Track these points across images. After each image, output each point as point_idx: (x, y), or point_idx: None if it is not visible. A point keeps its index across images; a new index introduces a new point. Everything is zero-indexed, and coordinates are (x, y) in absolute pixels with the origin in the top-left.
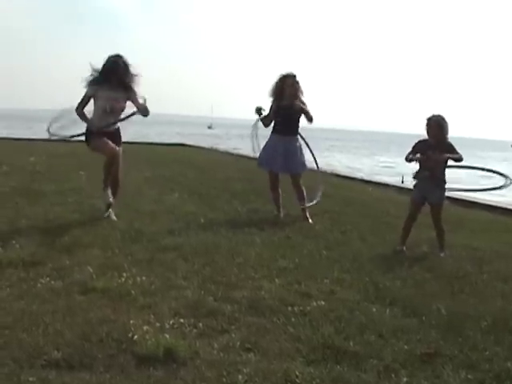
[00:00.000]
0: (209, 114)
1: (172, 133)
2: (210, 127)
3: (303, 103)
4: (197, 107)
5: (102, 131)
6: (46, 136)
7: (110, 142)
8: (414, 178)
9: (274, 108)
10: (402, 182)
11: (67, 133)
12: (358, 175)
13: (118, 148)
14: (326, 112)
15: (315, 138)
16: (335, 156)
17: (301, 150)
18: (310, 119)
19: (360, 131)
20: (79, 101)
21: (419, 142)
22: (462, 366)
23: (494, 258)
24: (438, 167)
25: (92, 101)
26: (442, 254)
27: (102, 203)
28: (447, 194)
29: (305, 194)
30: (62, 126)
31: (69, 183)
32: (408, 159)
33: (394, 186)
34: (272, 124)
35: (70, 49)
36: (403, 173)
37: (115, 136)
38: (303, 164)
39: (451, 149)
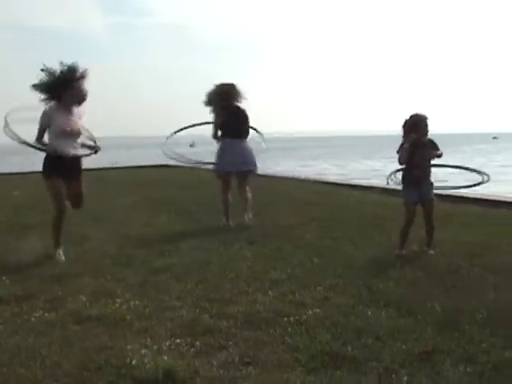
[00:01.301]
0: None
1: (150, 155)
2: (191, 145)
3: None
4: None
5: (60, 163)
6: (26, 169)
7: (63, 193)
8: (403, 181)
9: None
10: (388, 183)
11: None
12: (344, 181)
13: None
14: (300, 118)
15: (299, 148)
16: (317, 163)
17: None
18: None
19: (334, 136)
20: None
21: (402, 144)
22: (461, 360)
23: (485, 250)
24: (427, 165)
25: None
26: (431, 252)
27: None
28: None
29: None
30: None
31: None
32: (402, 160)
33: (378, 188)
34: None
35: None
36: (387, 174)
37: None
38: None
39: (434, 145)
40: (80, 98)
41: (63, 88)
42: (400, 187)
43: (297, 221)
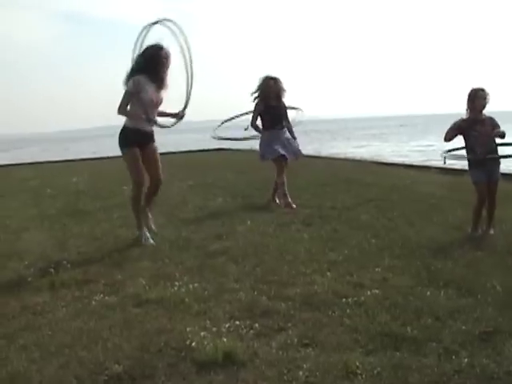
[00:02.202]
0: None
1: (205, 139)
2: (246, 129)
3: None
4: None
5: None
6: (84, 155)
7: (141, 165)
8: (469, 162)
9: (262, 108)
10: (444, 162)
11: None
12: (399, 160)
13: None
14: (346, 101)
15: (348, 129)
16: (373, 144)
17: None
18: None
19: (387, 117)
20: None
21: (461, 121)
22: None
23: None
24: (487, 143)
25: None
26: (491, 232)
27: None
28: None
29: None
30: None
31: (113, 199)
32: (448, 137)
33: (435, 168)
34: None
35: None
36: (442, 153)
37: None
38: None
39: (495, 122)
40: (166, 74)
41: (155, 62)
42: (457, 162)
43: (353, 202)
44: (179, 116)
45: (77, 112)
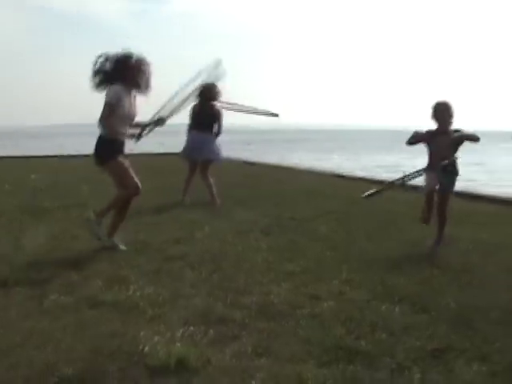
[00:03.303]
0: None
1: (171, 142)
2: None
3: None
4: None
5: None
6: (44, 153)
7: (132, 171)
8: (425, 170)
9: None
10: (403, 182)
11: None
12: (360, 174)
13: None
14: (313, 111)
15: (311, 140)
16: (334, 157)
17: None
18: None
19: (352, 130)
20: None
21: (424, 131)
22: (474, 358)
23: (501, 249)
24: (449, 153)
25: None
26: (438, 248)
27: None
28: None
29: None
30: None
31: (72, 198)
32: (411, 141)
33: (395, 183)
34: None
35: (64, 64)
36: (405, 170)
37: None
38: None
39: (462, 135)
40: (148, 84)
41: (135, 72)
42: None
43: (313, 213)
44: (155, 123)
45: (38, 108)
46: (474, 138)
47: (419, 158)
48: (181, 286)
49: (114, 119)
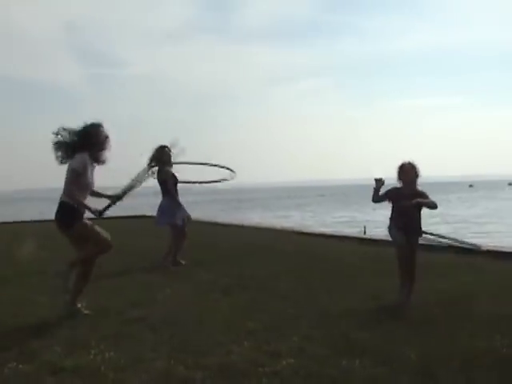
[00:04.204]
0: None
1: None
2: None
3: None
4: None
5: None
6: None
7: (101, 230)
8: (390, 228)
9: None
10: (365, 232)
11: None
12: (320, 230)
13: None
14: (272, 169)
15: (274, 198)
16: (292, 214)
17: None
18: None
19: (306, 186)
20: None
21: (391, 189)
22: None
23: (460, 299)
24: (413, 214)
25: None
26: (409, 300)
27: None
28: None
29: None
30: None
31: (30, 265)
32: (375, 200)
33: (355, 238)
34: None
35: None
36: (364, 224)
37: None
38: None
39: (424, 196)
40: (104, 158)
41: (98, 145)
42: (377, 233)
43: (273, 271)
44: (113, 200)
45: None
46: (432, 206)
47: (373, 213)
48: (142, 350)
49: (77, 187)
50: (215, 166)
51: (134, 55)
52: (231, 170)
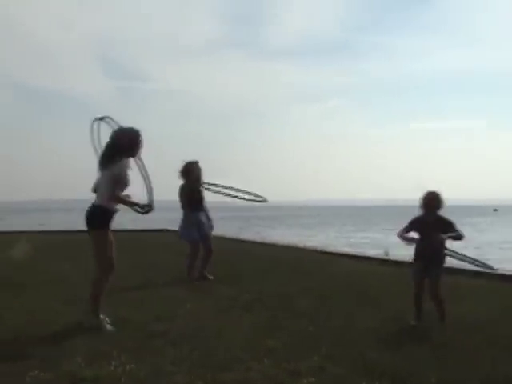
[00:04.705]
0: None
1: (156, 219)
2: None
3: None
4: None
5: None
6: (22, 228)
7: (113, 249)
8: (415, 260)
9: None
10: (387, 254)
11: None
12: (342, 250)
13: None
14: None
15: (296, 217)
16: (314, 233)
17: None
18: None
19: (334, 206)
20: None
21: (414, 219)
22: None
23: (483, 323)
24: (437, 245)
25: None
26: (443, 323)
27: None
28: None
29: None
30: None
31: (51, 274)
32: (401, 236)
33: (377, 259)
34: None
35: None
36: (387, 246)
37: None
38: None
39: (450, 227)
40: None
41: (138, 146)
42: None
43: (294, 289)
44: (145, 209)
45: (16, 183)
46: (458, 238)
47: (395, 235)
48: (162, 363)
49: (118, 190)
50: (243, 198)
51: (160, 70)
52: (263, 200)
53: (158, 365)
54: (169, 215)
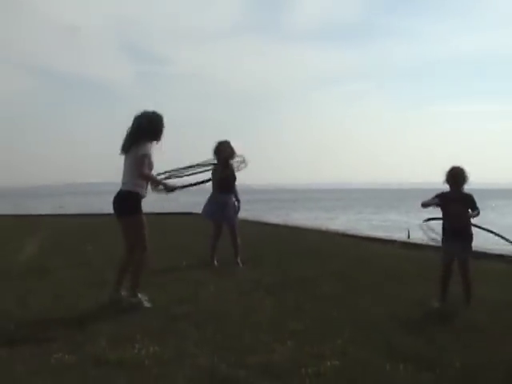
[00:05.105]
0: None
1: (182, 202)
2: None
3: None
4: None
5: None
6: (47, 211)
7: (147, 231)
8: (442, 233)
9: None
10: (409, 237)
11: None
12: (364, 233)
13: None
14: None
15: (317, 200)
16: (336, 216)
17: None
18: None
19: (356, 189)
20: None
21: (439, 194)
22: None
23: (506, 307)
24: (461, 221)
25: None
26: (467, 305)
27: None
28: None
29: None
30: None
31: (76, 257)
32: (425, 204)
33: (400, 242)
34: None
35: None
36: (409, 228)
37: None
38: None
39: (472, 202)
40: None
41: (161, 130)
42: (421, 237)
43: (317, 272)
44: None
45: (40, 168)
46: (476, 215)
47: (418, 217)
48: (185, 345)
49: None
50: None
51: (181, 54)
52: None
53: (182, 347)
54: (193, 199)
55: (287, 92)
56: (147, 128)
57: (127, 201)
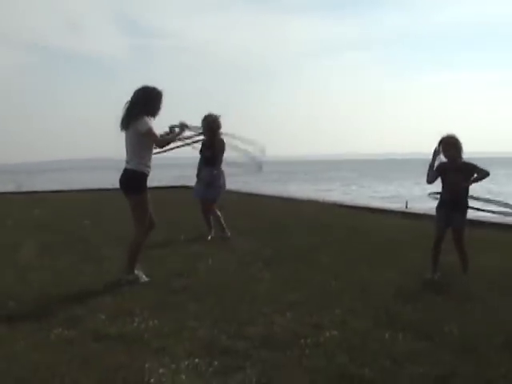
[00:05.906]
0: None
1: (171, 177)
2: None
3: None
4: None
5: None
6: (45, 188)
7: (150, 207)
8: (439, 207)
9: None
10: (406, 207)
11: None
12: (361, 203)
13: None
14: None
15: (313, 172)
16: (334, 187)
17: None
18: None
19: (349, 159)
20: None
21: (439, 164)
22: None
23: (503, 275)
24: (459, 190)
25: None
26: (465, 274)
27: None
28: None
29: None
30: None
31: (75, 233)
32: (430, 180)
33: (398, 212)
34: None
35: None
36: (407, 198)
37: None
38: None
39: (473, 170)
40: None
41: (159, 105)
42: (419, 207)
43: (315, 243)
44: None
45: (37, 145)
46: (483, 177)
47: (414, 187)
48: (185, 318)
49: (149, 151)
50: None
51: (173, 26)
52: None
53: (181, 320)
54: (186, 171)
55: (279, 63)
56: (145, 103)
57: (133, 180)
